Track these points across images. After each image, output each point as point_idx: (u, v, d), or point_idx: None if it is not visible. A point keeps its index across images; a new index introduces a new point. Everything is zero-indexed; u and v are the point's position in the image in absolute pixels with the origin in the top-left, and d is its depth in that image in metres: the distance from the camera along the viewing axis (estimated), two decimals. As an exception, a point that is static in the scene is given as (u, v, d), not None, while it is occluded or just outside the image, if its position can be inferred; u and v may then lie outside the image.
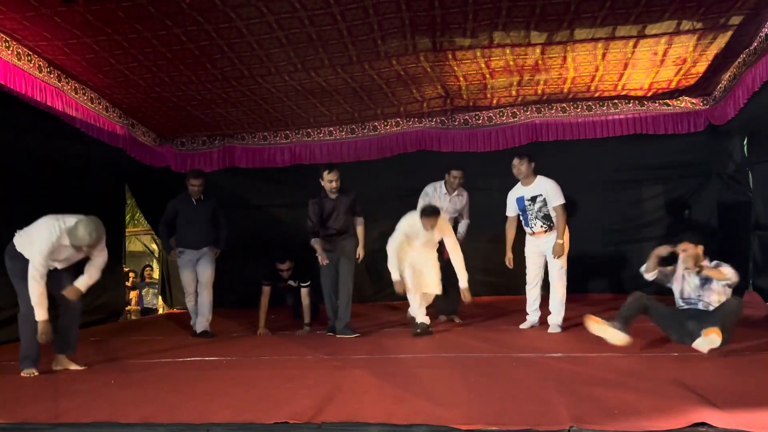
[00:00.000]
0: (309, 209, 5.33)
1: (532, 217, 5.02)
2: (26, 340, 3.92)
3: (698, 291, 4.08)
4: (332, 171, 5.22)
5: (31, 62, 4.95)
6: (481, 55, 5.55)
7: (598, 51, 5.50)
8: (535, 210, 4.99)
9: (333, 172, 5.21)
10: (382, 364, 3.89)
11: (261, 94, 6.19)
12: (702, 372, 3.28)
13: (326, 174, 5.21)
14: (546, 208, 4.96)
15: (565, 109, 7.08)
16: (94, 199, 6.84)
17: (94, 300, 6.73)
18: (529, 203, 5.02)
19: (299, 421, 2.57)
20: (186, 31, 4.73)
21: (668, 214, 7.27)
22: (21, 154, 5.67)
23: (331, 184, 5.21)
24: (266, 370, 3.84)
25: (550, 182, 4.99)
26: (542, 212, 4.98)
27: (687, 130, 6.88)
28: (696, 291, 4.09)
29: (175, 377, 3.68)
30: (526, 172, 5.04)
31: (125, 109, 6.44)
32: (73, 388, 3.40)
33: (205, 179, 5.74)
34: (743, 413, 2.43)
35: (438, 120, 7.32)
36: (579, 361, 3.75)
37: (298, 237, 7.75)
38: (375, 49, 5.26)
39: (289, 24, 4.71)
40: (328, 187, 5.23)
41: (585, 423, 2.39)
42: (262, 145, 7.66)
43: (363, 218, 5.52)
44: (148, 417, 2.73)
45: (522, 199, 5.07)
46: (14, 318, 5.48)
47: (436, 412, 2.62)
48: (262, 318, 5.53)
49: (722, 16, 4.80)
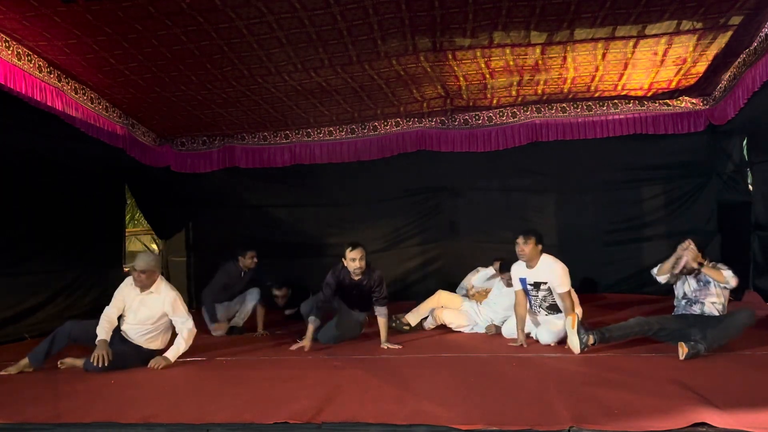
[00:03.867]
0: (327, 278, 4.64)
1: (536, 304, 4.51)
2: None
3: (696, 292, 4.12)
4: (356, 248, 4.51)
5: (31, 62, 4.95)
6: (481, 55, 5.54)
7: (598, 51, 5.50)
8: (539, 298, 4.46)
9: (357, 249, 4.50)
10: (382, 364, 3.89)
11: (261, 94, 6.18)
12: (702, 372, 3.28)
13: (349, 252, 4.52)
14: (552, 297, 4.40)
15: (565, 109, 7.07)
16: (94, 199, 6.86)
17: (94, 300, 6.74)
18: (532, 289, 4.45)
19: (299, 421, 2.57)
20: (186, 31, 4.73)
21: (668, 214, 7.27)
22: (21, 154, 5.67)
23: (354, 263, 4.49)
24: (266, 370, 3.84)
25: (557, 266, 4.35)
26: (547, 302, 4.44)
27: (687, 130, 6.88)
28: (694, 293, 4.13)
29: (175, 377, 3.68)
30: (531, 254, 4.37)
31: (125, 109, 6.43)
32: (73, 388, 3.40)
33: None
34: (743, 413, 2.43)
35: (438, 120, 7.32)
36: (579, 361, 3.75)
37: (299, 237, 7.85)
38: (375, 49, 5.25)
39: (289, 24, 4.70)
40: (351, 267, 4.52)
41: (585, 423, 2.39)
42: (262, 145, 7.66)
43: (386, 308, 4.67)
44: (148, 417, 2.74)
45: (525, 281, 4.47)
46: (14, 318, 5.54)
47: (436, 412, 2.63)
48: (260, 321, 5.57)
49: (722, 16, 4.80)
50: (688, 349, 3.61)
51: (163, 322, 4.11)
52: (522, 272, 4.49)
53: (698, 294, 4.10)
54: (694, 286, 4.13)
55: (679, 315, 4.15)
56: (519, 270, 4.52)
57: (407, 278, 7.70)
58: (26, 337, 5.48)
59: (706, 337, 3.70)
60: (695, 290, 4.12)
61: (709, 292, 4.07)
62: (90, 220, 6.71)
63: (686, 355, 3.59)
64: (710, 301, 4.05)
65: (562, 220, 7.46)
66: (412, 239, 7.80)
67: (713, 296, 4.05)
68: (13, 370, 3.91)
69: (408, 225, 7.81)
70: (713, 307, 4.05)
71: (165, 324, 4.13)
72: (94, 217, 6.81)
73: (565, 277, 4.32)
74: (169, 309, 4.04)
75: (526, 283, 4.46)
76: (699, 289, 4.11)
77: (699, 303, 4.09)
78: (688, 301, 4.15)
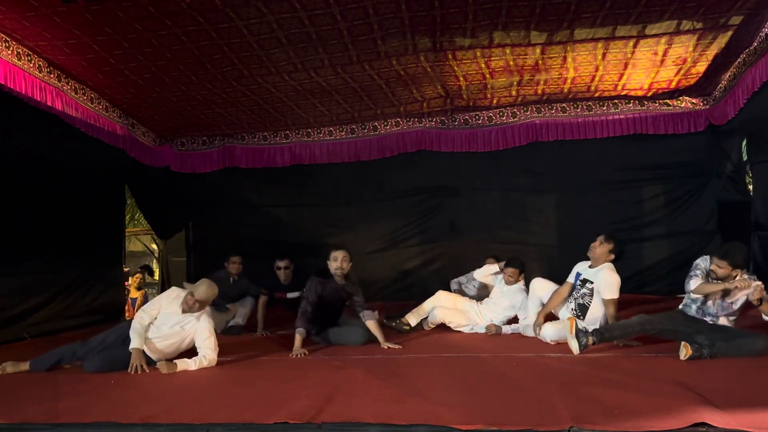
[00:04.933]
0: (306, 290, 4.60)
1: (573, 298, 4.64)
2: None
3: (719, 308, 4.01)
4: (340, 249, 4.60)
5: (31, 62, 4.95)
6: (481, 55, 5.55)
7: (598, 51, 5.50)
8: (579, 294, 4.59)
9: (341, 250, 4.59)
10: (382, 364, 3.89)
11: (261, 94, 6.18)
12: (702, 372, 3.28)
13: (333, 252, 4.60)
14: (588, 298, 4.51)
15: (565, 109, 7.08)
16: (94, 199, 6.86)
17: (94, 300, 6.75)
18: (580, 285, 4.62)
19: (299, 421, 2.57)
20: (186, 31, 4.73)
21: (668, 214, 7.27)
22: (21, 154, 5.67)
23: (336, 262, 4.53)
24: (266, 370, 3.84)
25: (612, 276, 4.45)
26: (583, 299, 4.55)
27: (687, 130, 6.87)
28: (717, 307, 4.02)
29: (175, 377, 3.68)
30: (600, 255, 4.56)
31: (125, 109, 6.44)
32: (73, 388, 3.40)
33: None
34: (743, 413, 2.43)
35: (438, 120, 7.32)
36: (579, 361, 3.75)
37: (299, 237, 7.85)
38: (375, 49, 5.25)
39: (289, 24, 4.70)
40: (332, 267, 4.55)
41: (585, 423, 2.39)
42: (262, 145, 7.66)
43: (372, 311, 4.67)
44: (148, 417, 2.73)
45: (579, 275, 4.67)
46: (14, 318, 5.55)
47: (436, 412, 2.63)
48: (260, 321, 5.57)
49: (722, 16, 4.80)
50: (692, 351, 3.58)
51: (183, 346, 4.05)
52: (582, 267, 4.70)
53: (719, 310, 4.01)
54: (719, 304, 4.00)
55: (690, 317, 4.06)
56: (581, 265, 4.75)
57: (407, 278, 7.69)
58: (26, 337, 5.48)
59: (714, 345, 3.64)
60: (718, 305, 4.00)
61: (732, 309, 3.99)
62: (90, 220, 6.72)
63: (689, 357, 3.57)
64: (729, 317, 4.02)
65: (562, 220, 7.45)
66: (412, 239, 7.80)
67: (734, 315, 4.03)
68: (10, 368, 3.90)
69: (408, 225, 7.81)
70: (727, 320, 4.02)
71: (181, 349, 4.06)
72: (94, 217, 6.82)
73: (614, 286, 4.41)
74: (199, 338, 3.97)
75: (579, 278, 4.64)
76: (722, 306, 3.99)
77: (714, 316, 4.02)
78: (703, 311, 4.05)
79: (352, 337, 4.63)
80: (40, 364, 3.94)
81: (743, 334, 3.83)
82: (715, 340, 3.70)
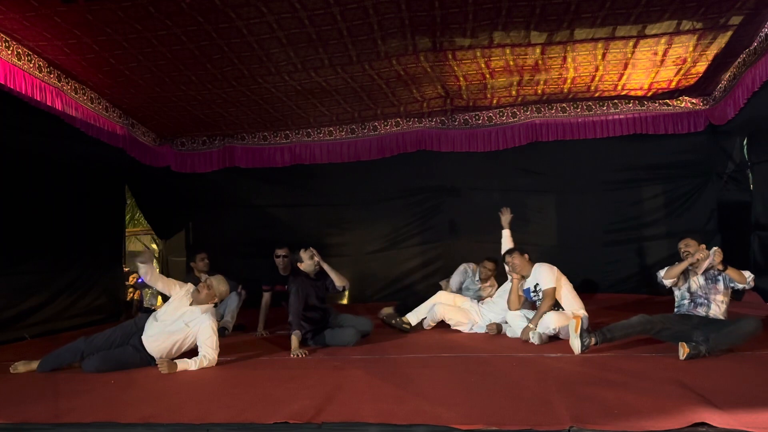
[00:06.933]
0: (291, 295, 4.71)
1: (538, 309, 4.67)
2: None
3: (705, 289, 4.11)
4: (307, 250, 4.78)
5: (31, 62, 4.95)
6: (481, 55, 5.55)
7: (598, 51, 5.50)
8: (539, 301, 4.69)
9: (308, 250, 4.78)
10: (382, 364, 3.88)
11: (261, 94, 6.19)
12: (702, 372, 3.28)
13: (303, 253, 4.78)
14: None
15: (565, 109, 7.08)
16: (94, 199, 6.86)
17: (94, 300, 6.75)
18: (534, 294, 4.73)
19: (299, 421, 2.57)
20: (186, 31, 4.73)
21: (668, 214, 7.27)
22: (21, 154, 5.68)
23: (311, 261, 4.75)
24: (266, 370, 3.84)
25: (545, 267, 4.68)
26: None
27: (687, 130, 6.88)
28: (703, 289, 4.12)
29: (175, 377, 3.68)
30: (523, 264, 4.77)
31: (125, 109, 6.44)
32: (73, 388, 3.40)
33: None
34: (743, 413, 2.43)
35: (438, 120, 7.32)
36: (579, 361, 3.75)
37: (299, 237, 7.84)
38: (375, 49, 5.25)
39: (289, 24, 4.70)
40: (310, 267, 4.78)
41: (585, 423, 2.39)
42: (262, 145, 7.66)
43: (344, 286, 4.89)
44: (148, 417, 2.73)
45: (528, 291, 4.78)
46: (14, 318, 5.54)
47: (436, 412, 2.63)
48: (261, 320, 5.55)
49: (722, 16, 4.80)
50: (689, 349, 3.60)
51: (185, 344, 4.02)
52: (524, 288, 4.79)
53: (707, 291, 4.09)
54: (701, 284, 4.12)
55: (683, 315, 4.12)
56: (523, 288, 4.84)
57: (407, 278, 7.70)
58: (26, 337, 5.48)
59: (709, 339, 3.68)
60: (703, 287, 4.11)
61: (717, 289, 4.07)
62: (90, 220, 6.72)
63: (687, 356, 3.59)
64: (718, 300, 4.06)
65: (562, 220, 7.46)
66: (412, 239, 7.80)
67: (720, 294, 4.07)
68: (22, 368, 3.93)
69: (408, 225, 7.81)
70: (719, 309, 4.05)
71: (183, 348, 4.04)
72: (94, 217, 6.82)
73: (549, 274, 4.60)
74: (201, 336, 3.94)
75: (530, 292, 4.73)
76: (707, 287, 4.10)
77: (705, 303, 4.07)
78: (693, 301, 4.12)
79: (346, 338, 4.71)
80: (46, 364, 3.94)
81: (733, 321, 3.90)
82: (709, 333, 3.75)
